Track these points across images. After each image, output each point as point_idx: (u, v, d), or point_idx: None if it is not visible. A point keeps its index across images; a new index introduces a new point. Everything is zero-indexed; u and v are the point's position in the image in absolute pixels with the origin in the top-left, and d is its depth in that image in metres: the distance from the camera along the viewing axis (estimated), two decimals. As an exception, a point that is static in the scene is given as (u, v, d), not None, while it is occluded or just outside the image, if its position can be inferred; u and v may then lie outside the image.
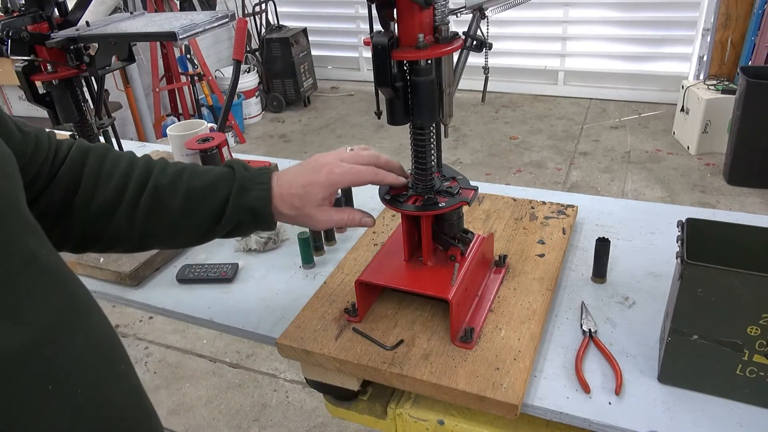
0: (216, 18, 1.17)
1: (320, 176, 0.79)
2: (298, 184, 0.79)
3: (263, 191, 0.78)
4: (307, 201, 0.79)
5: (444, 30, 0.76)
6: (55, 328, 0.51)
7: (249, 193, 0.77)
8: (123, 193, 0.75)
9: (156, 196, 0.76)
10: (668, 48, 4.54)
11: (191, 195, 0.76)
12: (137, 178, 0.76)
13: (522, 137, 4.29)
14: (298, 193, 0.79)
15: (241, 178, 0.78)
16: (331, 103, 5.30)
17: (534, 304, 0.94)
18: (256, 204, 0.77)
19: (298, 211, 0.79)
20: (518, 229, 1.14)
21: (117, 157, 0.78)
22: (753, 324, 0.71)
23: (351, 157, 0.83)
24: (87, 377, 0.53)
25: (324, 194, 0.79)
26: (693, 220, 0.80)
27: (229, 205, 0.76)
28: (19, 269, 0.49)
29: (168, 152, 1.66)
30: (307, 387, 2.29)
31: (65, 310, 0.53)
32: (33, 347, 0.48)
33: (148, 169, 0.77)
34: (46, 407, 0.48)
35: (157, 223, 0.76)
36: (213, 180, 0.77)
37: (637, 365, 0.84)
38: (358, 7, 5.47)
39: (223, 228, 0.78)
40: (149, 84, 4.35)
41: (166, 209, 0.76)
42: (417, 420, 0.89)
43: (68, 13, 1.21)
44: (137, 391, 0.61)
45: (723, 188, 3.40)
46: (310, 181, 0.79)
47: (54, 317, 0.51)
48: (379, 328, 0.92)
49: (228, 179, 0.78)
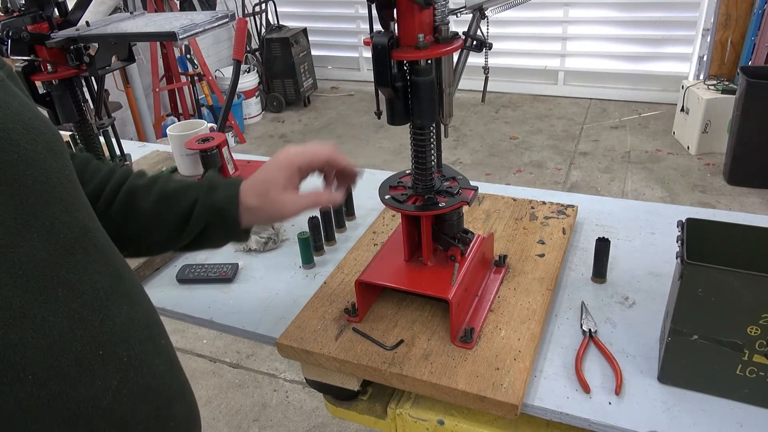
0: (216, 18, 1.17)
1: (278, 159, 0.81)
2: (260, 173, 0.81)
3: (231, 190, 0.79)
4: (270, 185, 0.79)
5: (444, 30, 0.76)
6: (103, 298, 0.55)
7: (216, 192, 0.78)
8: (100, 193, 0.77)
9: (130, 197, 0.78)
10: (668, 48, 4.54)
11: (163, 197, 0.78)
12: (115, 181, 0.78)
13: (522, 137, 4.29)
14: (260, 179, 0.80)
15: (211, 179, 0.80)
16: (331, 103, 5.30)
17: (534, 304, 0.94)
18: (224, 204, 0.77)
19: (264, 197, 0.79)
20: (518, 229, 1.14)
21: (99, 163, 0.81)
22: (753, 324, 0.71)
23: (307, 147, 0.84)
24: (132, 347, 0.57)
25: (285, 175, 0.79)
26: (693, 220, 0.80)
27: (197, 205, 0.77)
28: (75, 241, 0.53)
29: (168, 152, 1.66)
30: (307, 387, 2.30)
31: (112, 282, 0.57)
32: (84, 315, 0.52)
33: (125, 173, 0.81)
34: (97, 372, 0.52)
35: (129, 223, 0.78)
36: (185, 185, 0.80)
37: (637, 365, 0.84)
38: (358, 7, 5.47)
39: (191, 229, 0.77)
40: (149, 84, 4.35)
41: (138, 210, 0.78)
42: (417, 420, 0.89)
43: (68, 13, 1.21)
44: (176, 365, 0.66)
45: (723, 188, 3.40)
46: (270, 167, 0.80)
47: (102, 288, 0.55)
48: (379, 328, 0.92)
49: (199, 185, 0.80)
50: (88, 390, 0.51)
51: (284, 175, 0.79)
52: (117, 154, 1.35)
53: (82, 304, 0.53)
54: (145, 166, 1.61)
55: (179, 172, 1.54)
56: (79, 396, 0.51)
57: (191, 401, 0.69)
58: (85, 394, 0.51)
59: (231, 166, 1.41)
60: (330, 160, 0.83)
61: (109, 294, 0.56)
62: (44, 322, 0.49)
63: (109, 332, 0.55)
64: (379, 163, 4.10)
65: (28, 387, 0.47)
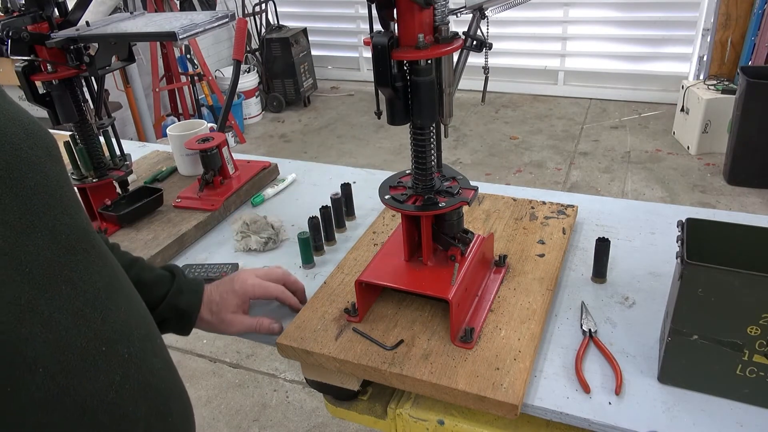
0: (216, 18, 1.17)
1: (235, 286, 0.94)
2: (217, 292, 0.93)
3: (195, 298, 0.90)
4: (223, 306, 0.93)
5: (444, 30, 0.76)
6: (104, 297, 0.57)
7: (182, 296, 0.89)
8: None
9: None
10: (668, 48, 4.54)
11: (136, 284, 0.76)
12: None
13: (522, 137, 4.29)
14: (216, 299, 0.93)
15: (179, 284, 0.90)
16: (331, 103, 5.30)
17: (534, 304, 0.94)
18: (187, 308, 0.89)
19: (216, 315, 0.92)
20: (518, 229, 1.14)
21: None
22: (753, 324, 0.71)
23: (264, 273, 0.99)
24: (132, 344, 0.59)
25: (237, 301, 0.94)
26: (693, 220, 0.80)
27: (164, 303, 0.87)
28: (76, 242, 0.55)
29: (168, 152, 1.66)
30: (307, 387, 2.29)
31: (109, 281, 0.59)
32: (86, 312, 0.53)
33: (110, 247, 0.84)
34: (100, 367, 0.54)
35: None
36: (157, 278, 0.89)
37: (637, 365, 0.84)
38: (358, 7, 5.47)
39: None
40: (149, 84, 4.35)
41: None
42: (417, 420, 0.89)
43: (68, 13, 1.21)
44: (171, 364, 0.68)
45: (723, 188, 3.40)
46: (227, 290, 0.94)
47: (102, 287, 0.57)
48: (379, 328, 0.92)
49: (168, 281, 0.89)
50: (93, 384, 0.53)
51: (237, 301, 0.94)
52: (117, 154, 1.35)
53: (85, 302, 0.54)
54: (145, 166, 1.61)
55: (179, 172, 1.54)
56: (85, 390, 0.52)
57: (186, 400, 0.70)
58: (91, 389, 0.53)
59: (231, 166, 1.41)
60: (278, 299, 0.98)
61: (109, 293, 0.58)
62: (51, 317, 0.50)
63: (110, 329, 0.56)
64: (379, 163, 4.10)
65: (39, 380, 0.49)
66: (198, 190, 1.34)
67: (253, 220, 1.23)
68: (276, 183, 1.47)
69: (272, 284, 0.97)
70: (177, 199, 1.35)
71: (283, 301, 0.99)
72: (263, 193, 1.41)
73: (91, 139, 1.27)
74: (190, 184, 1.43)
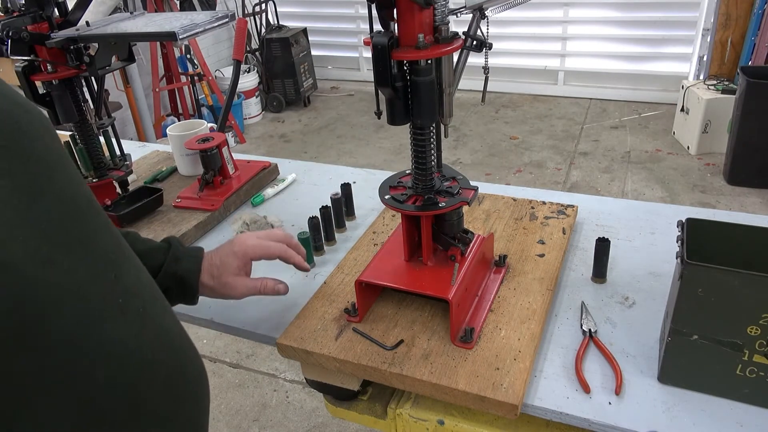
0: (216, 18, 1.17)
1: (234, 247, 0.92)
2: (217, 256, 0.91)
3: (193, 264, 0.89)
4: (224, 270, 0.90)
5: (444, 30, 0.76)
6: (113, 259, 0.58)
7: (180, 262, 0.88)
8: None
9: None
10: (668, 48, 4.54)
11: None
12: None
13: (522, 137, 4.29)
14: (216, 263, 0.90)
15: (175, 250, 0.89)
16: (331, 103, 5.30)
17: (534, 304, 0.94)
18: (186, 274, 0.87)
19: (217, 279, 0.90)
20: (518, 229, 1.14)
21: None
22: (753, 324, 0.71)
23: (266, 234, 0.96)
24: (145, 302, 0.61)
25: (238, 263, 0.91)
26: (693, 220, 0.80)
27: (162, 271, 0.86)
28: (86, 207, 0.57)
29: (168, 152, 1.66)
30: (307, 387, 2.30)
31: (117, 244, 0.60)
32: (100, 270, 0.55)
33: None
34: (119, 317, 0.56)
35: None
36: (152, 248, 0.88)
37: (637, 365, 0.84)
38: (358, 7, 5.47)
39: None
40: (149, 84, 4.35)
41: None
42: (417, 420, 0.89)
43: (68, 13, 1.21)
44: (183, 331, 0.68)
45: (723, 188, 3.40)
46: (226, 252, 0.92)
47: (111, 249, 0.59)
48: (379, 328, 0.92)
49: (164, 249, 0.88)
50: (116, 331, 0.55)
51: (237, 263, 0.91)
52: (117, 154, 1.35)
53: (97, 259, 0.56)
54: (145, 166, 1.61)
55: (179, 172, 1.54)
56: (108, 336, 0.54)
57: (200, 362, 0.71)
58: (113, 336, 0.55)
59: (231, 166, 1.41)
60: (281, 257, 0.94)
61: (118, 255, 0.60)
62: (70, 269, 0.52)
63: (123, 288, 0.58)
64: (379, 163, 4.10)
65: (67, 324, 0.50)
66: (198, 190, 1.34)
67: (253, 220, 1.23)
68: (276, 183, 1.47)
69: (273, 243, 0.95)
70: (177, 199, 1.35)
71: (287, 260, 0.95)
72: (263, 193, 1.41)
73: (91, 139, 1.28)
74: (190, 184, 1.43)
